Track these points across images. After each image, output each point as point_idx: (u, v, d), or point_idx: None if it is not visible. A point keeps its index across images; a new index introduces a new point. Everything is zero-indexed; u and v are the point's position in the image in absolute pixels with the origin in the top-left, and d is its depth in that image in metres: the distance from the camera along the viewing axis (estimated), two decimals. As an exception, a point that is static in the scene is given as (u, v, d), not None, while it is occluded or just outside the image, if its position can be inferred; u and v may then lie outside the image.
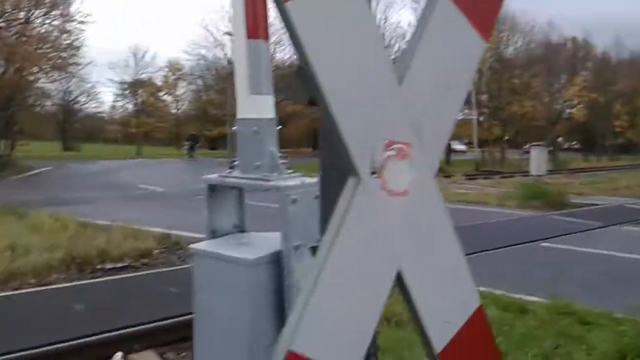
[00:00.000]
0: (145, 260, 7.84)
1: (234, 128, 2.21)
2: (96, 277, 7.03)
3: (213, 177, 2.31)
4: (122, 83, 55.22)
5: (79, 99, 51.83)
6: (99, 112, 60.71)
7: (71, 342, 4.71)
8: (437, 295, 1.17)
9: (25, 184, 19.32)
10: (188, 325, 5.20)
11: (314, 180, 2.16)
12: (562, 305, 5.42)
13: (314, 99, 1.00)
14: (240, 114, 2.19)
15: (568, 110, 47.48)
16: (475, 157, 34.74)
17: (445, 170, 28.99)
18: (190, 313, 5.42)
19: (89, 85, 50.41)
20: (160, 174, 25.48)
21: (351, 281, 1.04)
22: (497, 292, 5.95)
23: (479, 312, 1.29)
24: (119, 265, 7.48)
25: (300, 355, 0.98)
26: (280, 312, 2.15)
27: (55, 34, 27.37)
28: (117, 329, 5.02)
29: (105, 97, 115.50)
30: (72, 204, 12.89)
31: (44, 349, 4.56)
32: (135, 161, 34.53)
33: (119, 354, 4.78)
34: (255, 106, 2.15)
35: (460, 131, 41.89)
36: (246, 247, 2.22)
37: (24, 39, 22.92)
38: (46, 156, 34.23)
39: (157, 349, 4.98)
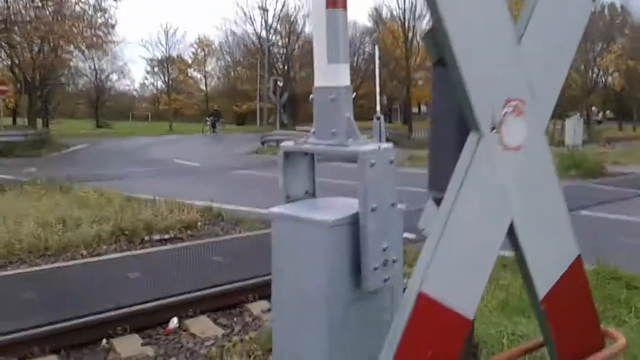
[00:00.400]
0: (189, 232, 8.05)
1: (311, 96, 2.27)
2: (145, 248, 7.25)
3: (289, 144, 2.39)
4: (152, 60, 55.77)
5: (110, 76, 52.58)
6: (130, 90, 61.61)
7: (129, 309, 4.92)
8: (543, 244, 1.23)
9: (64, 161, 19.78)
10: (236, 292, 5.43)
11: (390, 145, 2.22)
12: (607, 270, 5.44)
13: (443, 59, 1.06)
14: (318, 83, 2.25)
15: (604, 79, 46.27)
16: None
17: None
18: (237, 281, 5.61)
19: (121, 63, 51.15)
20: (192, 149, 25.82)
21: (472, 229, 1.11)
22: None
23: (578, 260, 1.34)
24: (166, 236, 7.70)
25: (428, 296, 1.06)
26: (356, 272, 2.24)
27: (90, 12, 27.71)
28: (171, 296, 5.22)
29: (135, 75, 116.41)
30: (112, 179, 13.20)
31: (103, 315, 4.78)
32: (167, 137, 34.95)
33: (174, 319, 4.98)
34: (333, 74, 2.21)
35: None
36: (323, 210, 2.30)
37: (59, 17, 23.24)
38: (80, 134, 34.91)
39: (210, 315, 5.17)
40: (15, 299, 5.12)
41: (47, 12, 21.82)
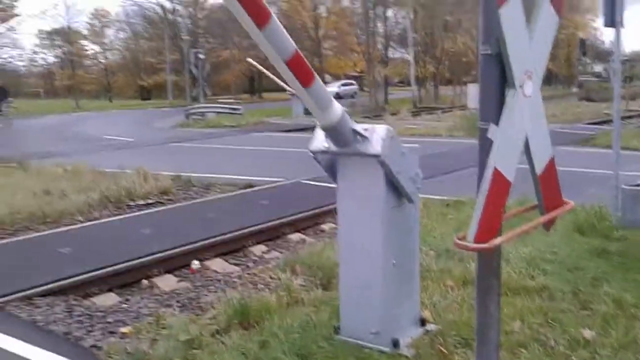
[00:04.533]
0: (167, 197, 8.88)
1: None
2: (134, 212, 8.03)
3: (315, 147, 3.49)
4: (41, 32, 52.84)
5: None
6: (12, 63, 57.11)
7: (156, 255, 5.87)
8: (539, 146, 2.48)
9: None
10: (238, 239, 6.48)
11: (390, 130, 3.36)
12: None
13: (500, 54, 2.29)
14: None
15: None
16: (409, 95, 36.42)
17: (387, 110, 30.56)
18: (231, 232, 6.60)
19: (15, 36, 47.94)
20: (115, 124, 25.62)
21: (513, 135, 2.32)
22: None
23: (552, 157, 2.61)
24: (149, 201, 8.51)
25: (496, 168, 2.29)
26: (396, 189, 3.49)
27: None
28: (188, 243, 6.20)
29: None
30: (59, 156, 13.38)
31: (139, 260, 5.71)
32: (78, 115, 34.00)
33: (196, 262, 5.99)
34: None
35: (396, 70, 43.35)
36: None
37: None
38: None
39: (222, 257, 6.22)
40: (54, 253, 5.90)
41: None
